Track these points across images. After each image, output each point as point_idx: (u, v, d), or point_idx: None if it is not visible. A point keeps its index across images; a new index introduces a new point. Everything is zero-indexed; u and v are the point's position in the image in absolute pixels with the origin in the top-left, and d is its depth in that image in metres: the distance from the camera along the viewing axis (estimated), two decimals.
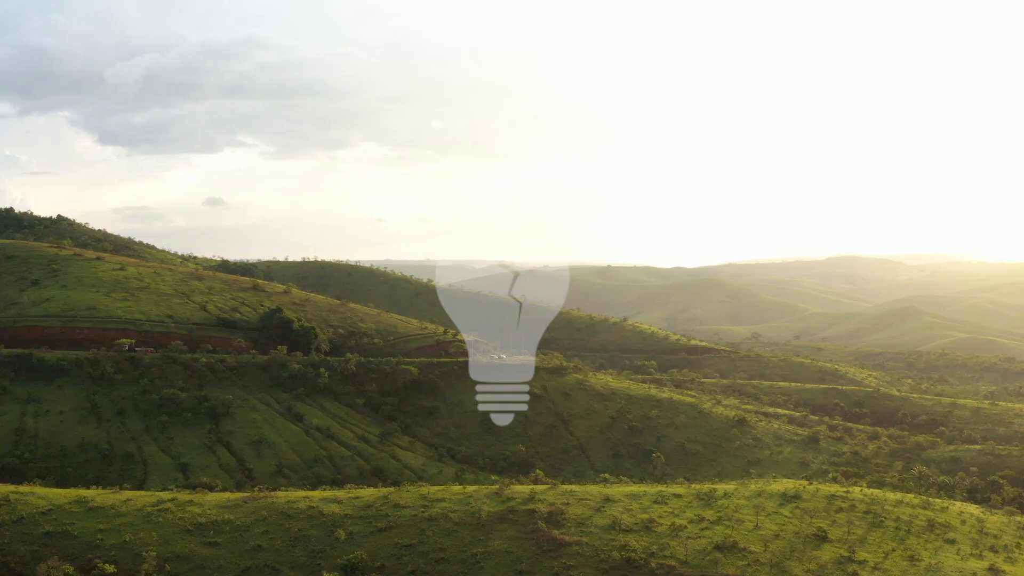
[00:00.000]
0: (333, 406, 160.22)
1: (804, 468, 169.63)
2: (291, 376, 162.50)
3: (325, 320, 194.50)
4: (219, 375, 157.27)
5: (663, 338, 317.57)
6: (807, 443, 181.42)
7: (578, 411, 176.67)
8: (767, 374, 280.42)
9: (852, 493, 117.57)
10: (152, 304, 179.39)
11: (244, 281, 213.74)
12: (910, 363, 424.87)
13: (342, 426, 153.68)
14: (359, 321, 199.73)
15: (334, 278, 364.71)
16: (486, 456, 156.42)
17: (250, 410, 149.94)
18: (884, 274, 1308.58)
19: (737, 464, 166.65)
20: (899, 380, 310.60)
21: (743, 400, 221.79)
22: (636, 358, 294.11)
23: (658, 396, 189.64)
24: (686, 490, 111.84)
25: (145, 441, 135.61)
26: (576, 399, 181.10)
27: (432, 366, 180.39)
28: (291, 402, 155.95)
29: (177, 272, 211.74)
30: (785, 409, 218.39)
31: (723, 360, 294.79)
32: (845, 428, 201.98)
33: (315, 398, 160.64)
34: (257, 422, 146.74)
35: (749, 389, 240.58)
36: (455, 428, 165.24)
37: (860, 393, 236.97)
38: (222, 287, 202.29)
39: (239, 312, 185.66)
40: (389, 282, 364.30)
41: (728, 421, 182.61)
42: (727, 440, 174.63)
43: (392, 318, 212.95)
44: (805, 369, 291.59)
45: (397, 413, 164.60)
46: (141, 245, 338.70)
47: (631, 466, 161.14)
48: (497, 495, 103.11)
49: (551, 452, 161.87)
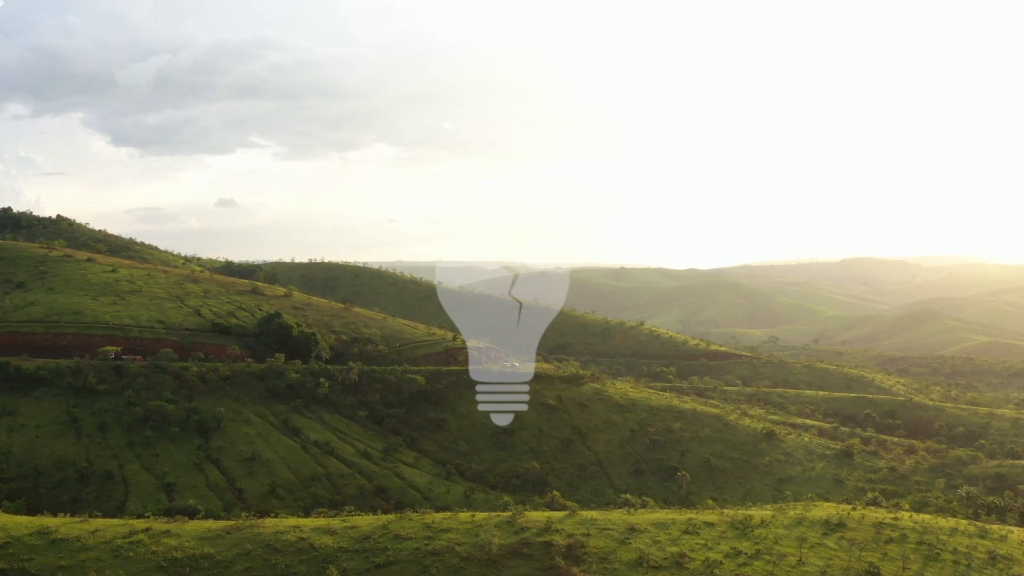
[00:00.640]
0: (333, 419, 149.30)
1: (839, 486, 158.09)
2: (288, 386, 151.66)
3: (327, 325, 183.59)
4: (211, 385, 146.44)
5: (682, 343, 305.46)
6: (841, 458, 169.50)
7: (596, 424, 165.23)
8: (791, 381, 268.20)
9: (901, 520, 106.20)
10: (143, 308, 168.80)
11: (242, 284, 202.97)
12: (935, 368, 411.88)
13: (342, 440, 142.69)
14: (363, 327, 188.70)
15: (341, 280, 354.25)
16: (497, 473, 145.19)
17: (243, 423, 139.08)
18: (900, 276, 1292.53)
19: (767, 482, 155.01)
20: (927, 387, 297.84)
21: (769, 410, 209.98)
22: (654, 364, 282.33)
23: (681, 407, 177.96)
24: (719, 517, 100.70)
25: (127, 458, 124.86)
26: (593, 410, 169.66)
27: (440, 375, 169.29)
28: (288, 414, 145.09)
29: (172, 274, 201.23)
30: (814, 420, 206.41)
31: (745, 366, 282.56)
32: (879, 441, 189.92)
33: (314, 410, 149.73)
34: (250, 437, 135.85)
35: (774, 398, 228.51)
36: (464, 442, 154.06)
37: (892, 402, 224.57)
38: (219, 290, 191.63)
39: (235, 317, 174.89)
40: (398, 284, 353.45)
41: (756, 434, 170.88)
42: (756, 455, 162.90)
43: (398, 323, 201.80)
44: (830, 376, 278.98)
45: (402, 426, 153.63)
46: (143, 246, 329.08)
47: (654, 484, 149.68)
48: (509, 524, 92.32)
49: (567, 469, 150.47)
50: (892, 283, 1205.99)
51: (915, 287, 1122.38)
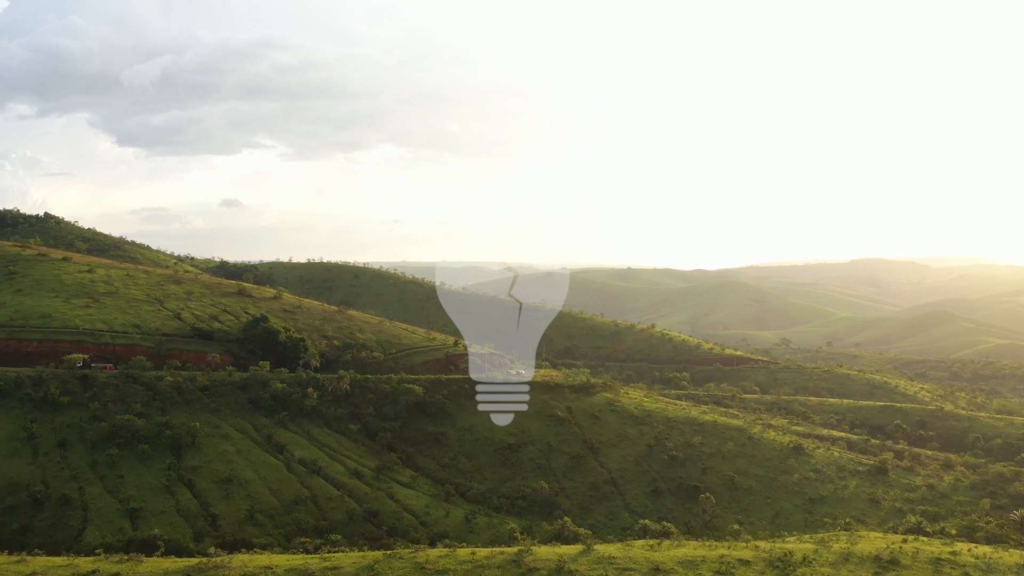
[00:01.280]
0: (321, 433, 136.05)
1: (875, 507, 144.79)
2: (273, 397, 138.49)
3: (318, 330, 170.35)
4: (187, 397, 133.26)
5: (695, 347, 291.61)
6: (874, 475, 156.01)
7: (609, 438, 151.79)
8: (811, 388, 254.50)
9: (960, 555, 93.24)
10: (118, 311, 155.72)
11: (229, 285, 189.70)
12: (954, 372, 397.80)
13: (331, 458, 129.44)
14: (357, 331, 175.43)
15: (340, 281, 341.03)
16: (502, 494, 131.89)
17: (221, 439, 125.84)
18: (909, 277, 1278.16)
19: (797, 502, 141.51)
20: (952, 394, 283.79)
21: (792, 420, 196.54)
22: (666, 369, 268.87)
23: (700, 419, 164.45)
24: (754, 554, 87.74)
25: (89, 480, 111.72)
26: (606, 423, 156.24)
27: (440, 384, 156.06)
28: (271, 429, 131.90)
29: (154, 275, 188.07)
30: (841, 431, 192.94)
31: (762, 372, 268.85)
32: (913, 455, 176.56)
33: (301, 424, 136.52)
34: (228, 455, 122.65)
35: (796, 407, 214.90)
36: (466, 459, 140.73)
37: (922, 412, 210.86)
38: (202, 292, 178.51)
39: (219, 321, 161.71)
40: (399, 285, 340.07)
41: (783, 449, 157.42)
42: (783, 472, 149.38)
43: (396, 327, 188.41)
44: (852, 382, 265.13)
45: (398, 441, 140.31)
46: (133, 245, 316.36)
47: (673, 506, 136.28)
48: (515, 564, 79.86)
49: (578, 488, 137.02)
50: (902, 284, 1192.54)
51: (925, 288, 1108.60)
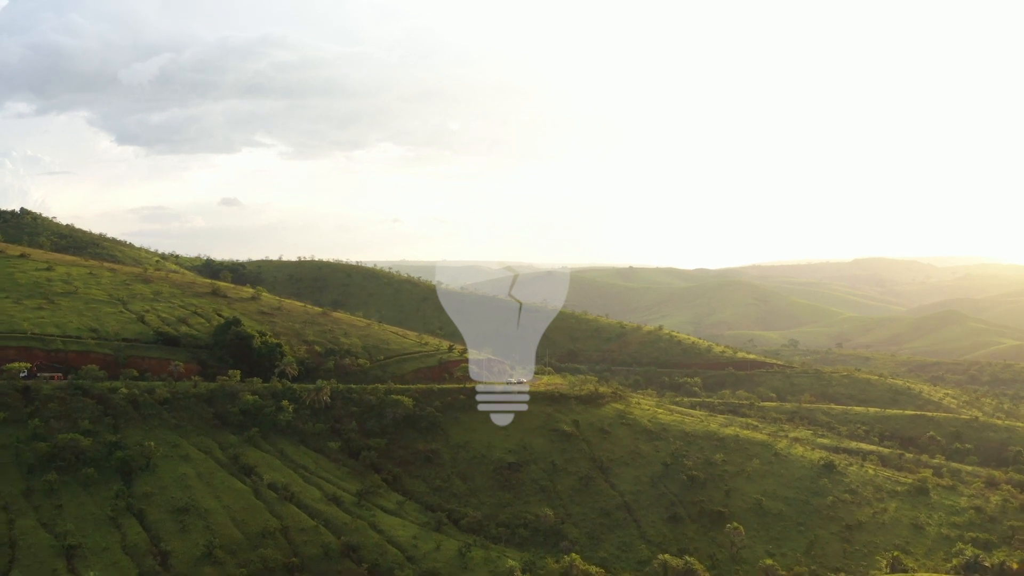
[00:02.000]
0: (297, 452, 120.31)
1: (919, 534, 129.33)
2: (243, 411, 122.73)
3: (298, 334, 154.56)
4: (144, 411, 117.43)
5: (705, 349, 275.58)
6: (914, 495, 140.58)
7: (621, 455, 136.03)
8: (830, 394, 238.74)
9: None
10: (74, 314, 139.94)
11: (202, 284, 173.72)
12: (972, 375, 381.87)
13: (307, 481, 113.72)
14: (342, 335, 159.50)
15: (332, 280, 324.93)
16: (501, 521, 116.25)
17: (180, 461, 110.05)
18: (913, 276, 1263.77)
19: (833, 529, 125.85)
20: (978, 399, 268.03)
21: (816, 431, 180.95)
22: (676, 374, 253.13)
23: (721, 433, 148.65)
24: None
25: (20, 511, 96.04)
26: (617, 438, 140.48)
27: (432, 395, 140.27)
28: (239, 448, 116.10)
29: (121, 273, 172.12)
30: (870, 443, 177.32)
31: (777, 377, 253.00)
32: (952, 471, 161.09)
33: (273, 441, 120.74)
34: (187, 479, 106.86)
35: (819, 416, 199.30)
36: (460, 481, 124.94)
37: (955, 422, 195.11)
38: (172, 292, 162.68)
39: (187, 324, 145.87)
40: (393, 285, 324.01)
41: (813, 467, 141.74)
42: (816, 494, 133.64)
43: (384, 331, 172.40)
44: (873, 387, 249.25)
45: (383, 460, 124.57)
46: (113, 242, 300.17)
47: (695, 534, 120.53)
48: None
49: (587, 515, 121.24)
50: (906, 283, 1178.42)
51: (930, 288, 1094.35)
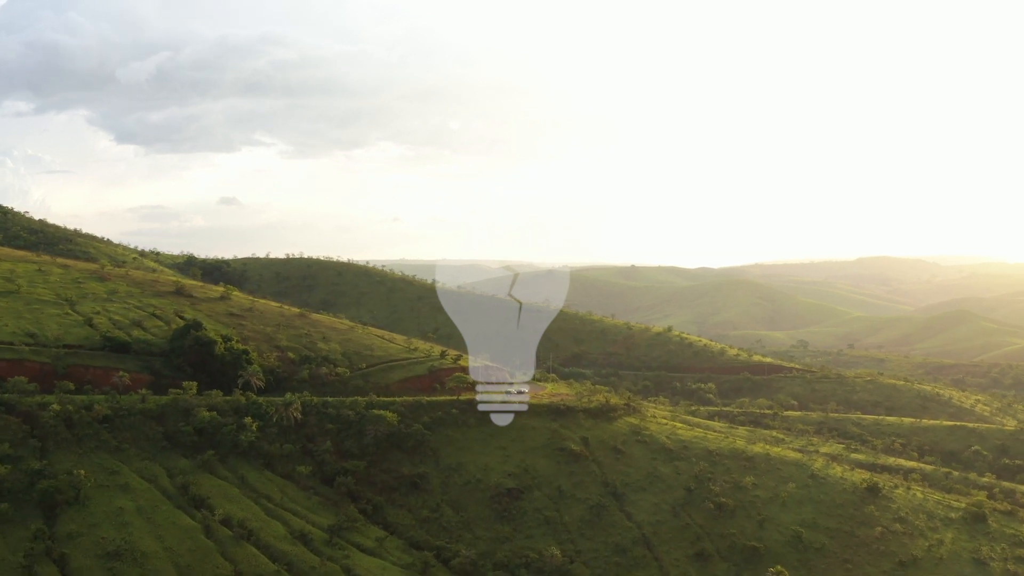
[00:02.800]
0: (259, 479, 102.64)
1: (982, 570, 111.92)
2: (198, 430, 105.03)
3: (270, 339, 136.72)
4: (79, 432, 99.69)
5: (719, 353, 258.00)
6: (971, 523, 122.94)
7: (637, 479, 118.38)
8: (855, 401, 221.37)
9: None
10: (11, 316, 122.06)
11: (165, 282, 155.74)
12: (993, 378, 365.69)
13: (270, 515, 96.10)
14: (320, 340, 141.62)
15: (321, 278, 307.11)
16: (499, 561, 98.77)
17: (118, 492, 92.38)
18: (919, 275, 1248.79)
19: (886, 567, 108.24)
20: (1010, 405, 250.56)
21: (849, 446, 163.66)
22: (688, 378, 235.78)
23: (749, 451, 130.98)
24: None
25: None
26: (633, 459, 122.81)
27: (420, 409, 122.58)
28: (191, 475, 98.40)
29: (74, 270, 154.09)
30: (909, 459, 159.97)
31: (797, 382, 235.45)
32: (1005, 491, 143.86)
33: (233, 466, 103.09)
34: (125, 515, 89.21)
35: (849, 427, 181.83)
36: (452, 511, 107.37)
37: (1000, 434, 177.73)
38: (130, 290, 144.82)
39: (142, 327, 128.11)
40: (386, 283, 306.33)
41: (855, 490, 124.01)
42: (862, 523, 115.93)
43: (369, 335, 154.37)
44: (900, 394, 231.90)
45: (362, 487, 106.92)
46: (89, 239, 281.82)
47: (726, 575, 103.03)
48: None
49: (600, 552, 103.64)
50: (911, 282, 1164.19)
51: (936, 287, 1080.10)
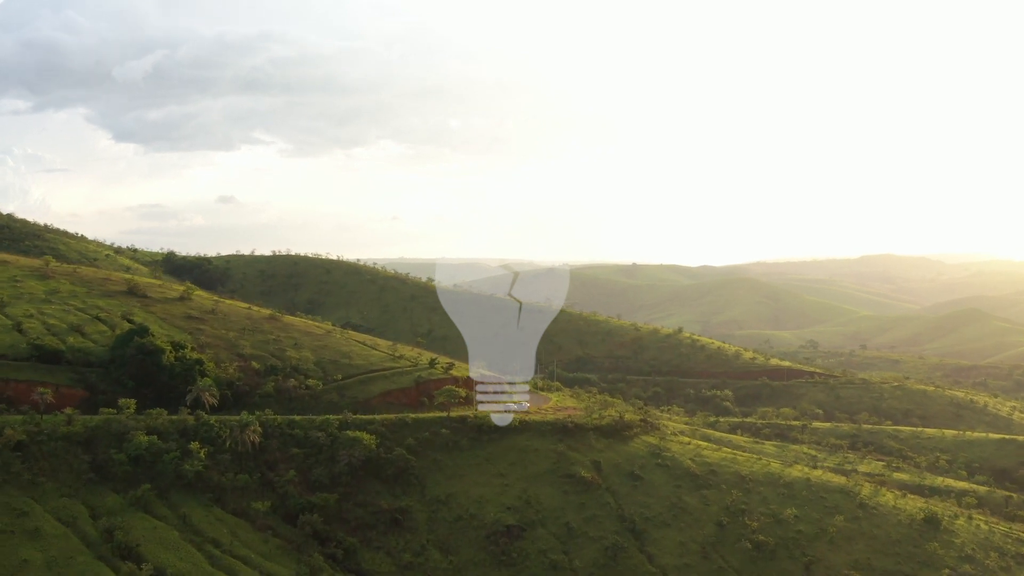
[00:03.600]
0: (206, 519, 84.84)
1: None
2: (134, 459, 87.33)
3: (232, 346, 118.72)
4: None
5: (733, 356, 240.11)
6: None
7: (659, 511, 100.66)
8: (884, 409, 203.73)
9: None
10: None
11: (116, 281, 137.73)
12: (1017, 380, 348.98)
13: (215, 565, 78.36)
14: (291, 346, 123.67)
15: (308, 276, 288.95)
16: None
17: (25, 540, 74.65)
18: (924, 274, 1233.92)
19: None
20: None
21: (890, 463, 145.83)
22: (701, 384, 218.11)
23: (786, 475, 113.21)
24: None
25: None
26: (653, 487, 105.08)
27: (403, 429, 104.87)
28: (121, 517, 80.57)
29: (13, 267, 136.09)
30: (958, 478, 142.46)
31: (820, 388, 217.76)
32: None
33: (175, 503, 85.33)
34: (30, 569, 71.58)
35: (886, 441, 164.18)
36: (440, 553, 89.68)
37: None
38: (73, 290, 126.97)
39: (81, 333, 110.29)
40: (377, 282, 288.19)
41: (912, 522, 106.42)
42: (925, 564, 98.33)
43: (348, 340, 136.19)
44: (931, 400, 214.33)
45: (333, 526, 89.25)
46: (60, 234, 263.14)
47: None
48: None
49: None
50: (916, 281, 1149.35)
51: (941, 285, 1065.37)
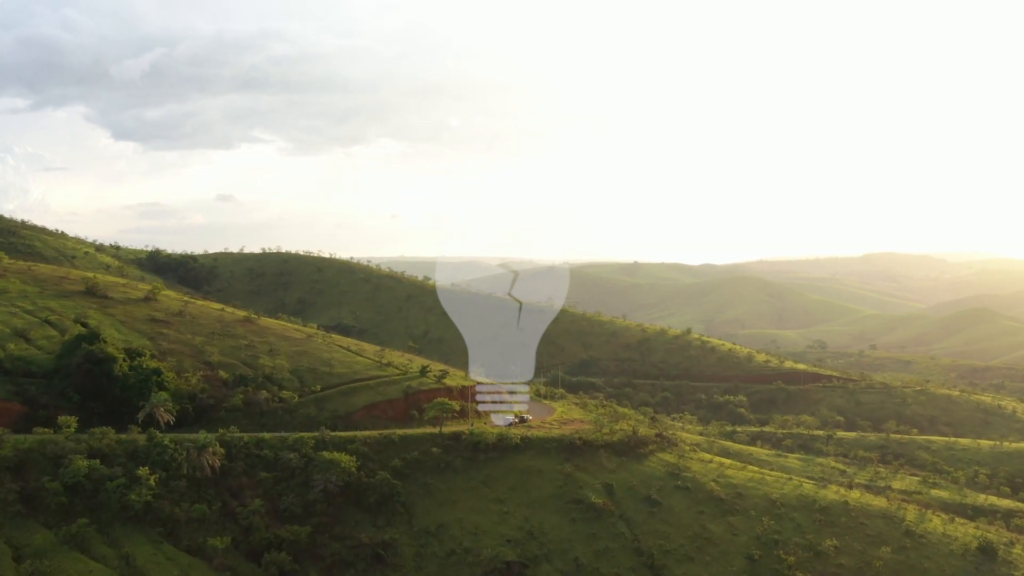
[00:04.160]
0: (154, 560, 72.16)
1: None
2: (70, 487, 74.73)
3: (199, 352, 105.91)
4: None
5: (745, 358, 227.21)
6: None
7: (681, 543, 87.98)
8: (908, 416, 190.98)
9: None
10: None
11: (75, 279, 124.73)
12: None
13: None
14: (265, 354, 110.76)
15: (299, 275, 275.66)
16: None
17: None
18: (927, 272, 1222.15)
19: None
20: None
21: (926, 478, 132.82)
22: (713, 389, 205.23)
23: (821, 499, 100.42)
24: None
25: None
26: (673, 513, 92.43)
27: (389, 448, 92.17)
28: (51, 557, 68.03)
29: None
30: (1001, 496, 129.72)
31: (838, 393, 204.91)
32: None
33: (116, 539, 72.72)
34: None
35: (918, 452, 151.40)
36: None
37: None
38: (24, 290, 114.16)
39: (25, 339, 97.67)
40: (371, 281, 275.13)
41: (965, 553, 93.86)
42: None
43: (330, 346, 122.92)
44: (957, 406, 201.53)
45: (304, 564, 76.62)
46: (37, 231, 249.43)
47: None
48: None
49: None
50: (920, 279, 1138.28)
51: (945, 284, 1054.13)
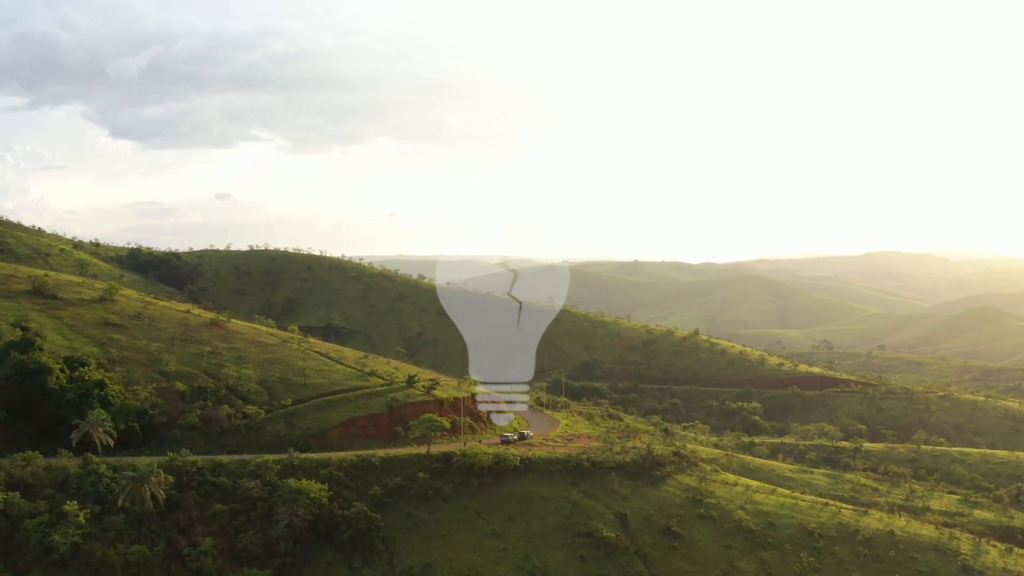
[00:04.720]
0: None
1: None
2: None
3: (154, 360, 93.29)
4: None
5: (757, 362, 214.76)
6: None
7: None
8: (933, 423, 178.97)
9: None
10: None
11: (20, 278, 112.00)
12: None
13: None
14: (231, 362, 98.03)
15: (287, 273, 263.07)
16: None
17: None
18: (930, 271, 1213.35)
19: None
20: None
21: (967, 497, 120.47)
22: (724, 395, 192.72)
23: (863, 528, 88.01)
24: None
25: None
26: (696, 547, 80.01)
27: (368, 473, 79.66)
28: None
29: None
30: None
31: (857, 399, 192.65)
32: None
33: None
34: None
35: (952, 467, 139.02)
36: None
37: None
38: None
39: None
40: (363, 279, 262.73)
41: None
42: None
43: (307, 353, 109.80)
44: (983, 413, 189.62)
45: None
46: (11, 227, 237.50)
47: None
48: None
49: None
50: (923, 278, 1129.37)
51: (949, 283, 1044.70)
